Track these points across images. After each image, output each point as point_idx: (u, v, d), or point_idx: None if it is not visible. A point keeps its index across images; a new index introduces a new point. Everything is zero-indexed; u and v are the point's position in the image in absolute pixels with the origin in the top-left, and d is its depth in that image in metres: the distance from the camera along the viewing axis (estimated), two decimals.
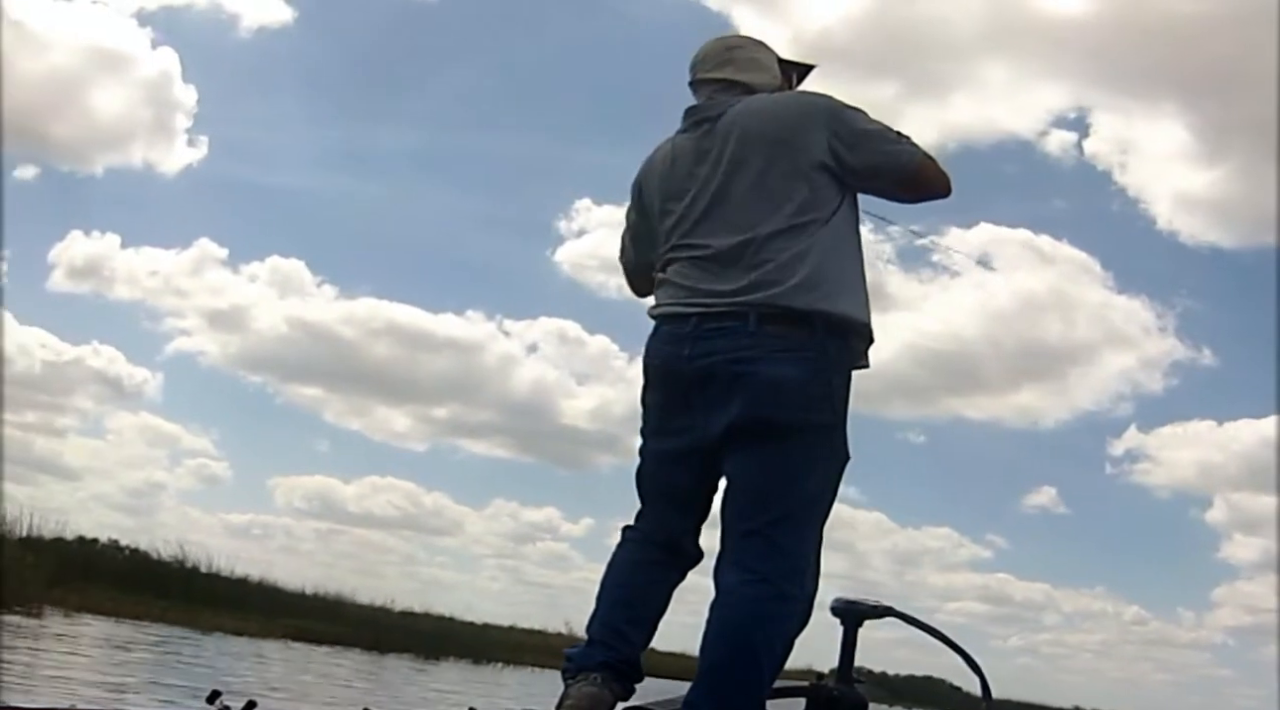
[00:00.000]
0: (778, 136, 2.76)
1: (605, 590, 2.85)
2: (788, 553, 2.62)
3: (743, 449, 2.68)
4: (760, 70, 2.96)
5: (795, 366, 2.63)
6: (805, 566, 2.66)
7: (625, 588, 2.84)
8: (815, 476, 2.69)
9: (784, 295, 2.65)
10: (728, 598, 2.61)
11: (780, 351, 2.64)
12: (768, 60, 2.99)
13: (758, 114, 2.81)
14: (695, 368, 2.69)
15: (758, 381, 2.63)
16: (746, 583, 2.59)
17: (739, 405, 2.65)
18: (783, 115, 2.80)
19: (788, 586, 2.61)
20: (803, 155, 2.73)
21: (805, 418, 2.65)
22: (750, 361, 2.64)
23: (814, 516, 2.70)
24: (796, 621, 2.64)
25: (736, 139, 2.78)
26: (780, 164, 2.73)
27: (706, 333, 2.69)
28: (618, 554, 2.90)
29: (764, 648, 2.56)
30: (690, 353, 2.70)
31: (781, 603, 2.60)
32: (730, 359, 2.66)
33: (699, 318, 2.71)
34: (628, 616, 2.80)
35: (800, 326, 2.65)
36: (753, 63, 2.97)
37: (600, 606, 2.83)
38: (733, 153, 2.77)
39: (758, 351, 2.64)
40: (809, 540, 2.68)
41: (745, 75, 2.93)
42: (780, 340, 2.64)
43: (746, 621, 2.56)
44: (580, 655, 2.75)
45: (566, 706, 2.66)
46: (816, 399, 2.66)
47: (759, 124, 2.79)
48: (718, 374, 2.67)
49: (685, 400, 2.74)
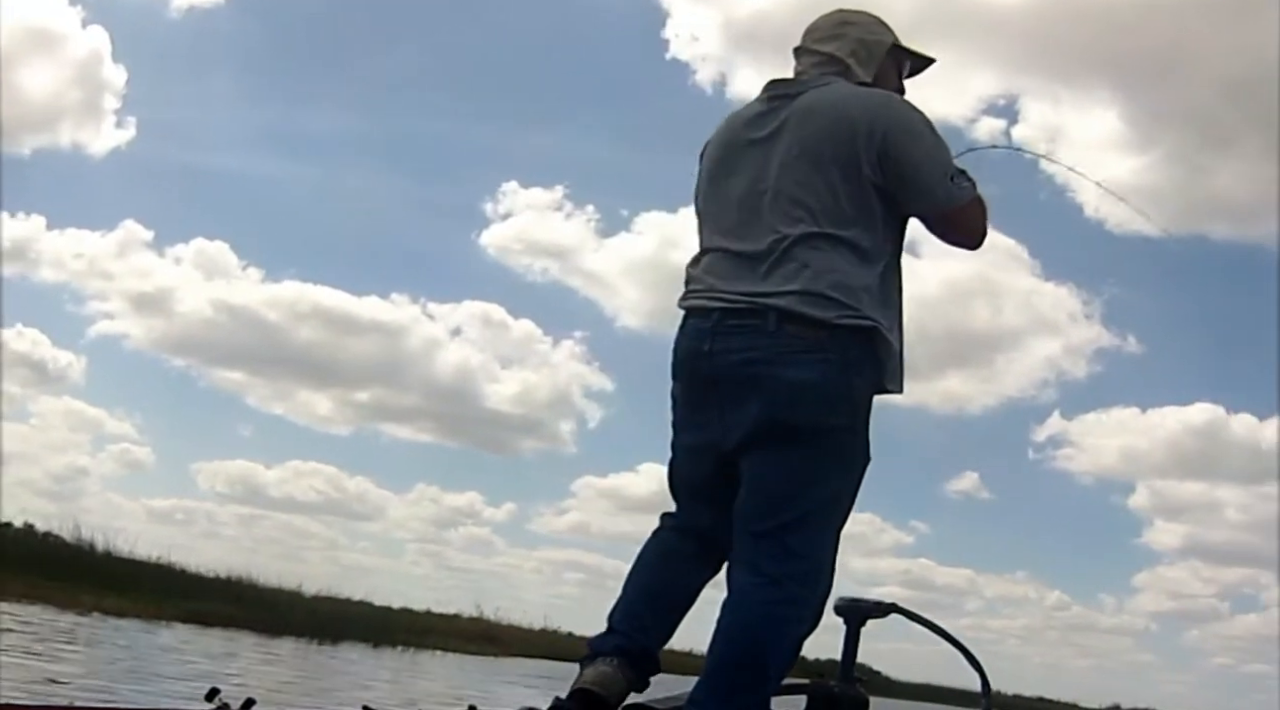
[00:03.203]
0: (833, 137, 2.65)
1: (632, 578, 2.82)
2: (801, 556, 2.59)
3: (760, 450, 2.63)
4: (868, 55, 2.82)
5: (814, 369, 2.58)
6: (818, 570, 2.64)
7: (652, 577, 2.81)
8: (832, 480, 2.65)
9: (807, 300, 2.58)
10: (738, 599, 2.59)
11: (800, 353, 2.58)
12: (878, 47, 2.85)
13: (828, 107, 2.69)
14: (714, 365, 2.66)
15: (776, 384, 2.58)
16: (758, 585, 2.58)
17: (757, 407, 2.60)
18: (846, 117, 2.66)
19: (799, 590, 2.59)
20: (850, 165, 2.63)
21: (824, 420, 2.60)
22: (768, 363, 2.59)
23: (830, 520, 2.67)
24: (807, 625, 2.63)
25: (797, 127, 2.69)
26: (828, 168, 2.64)
27: (726, 329, 2.65)
28: (649, 543, 2.86)
29: (772, 649, 2.55)
30: (710, 349, 2.67)
31: (792, 606, 2.58)
32: (747, 358, 2.61)
33: (721, 313, 2.66)
34: (651, 606, 2.77)
35: (821, 328, 2.58)
36: (862, 45, 2.83)
37: (624, 594, 2.80)
38: (788, 142, 2.69)
39: (776, 352, 2.59)
40: (823, 544, 2.64)
41: (850, 57, 2.80)
42: (800, 341, 2.58)
43: (755, 623, 2.55)
44: (597, 641, 2.73)
45: (578, 685, 2.65)
46: (836, 401, 2.60)
47: (822, 119, 2.68)
48: (735, 373, 2.63)
49: (704, 396, 2.71)
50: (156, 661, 11.41)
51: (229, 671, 11.32)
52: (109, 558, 22.02)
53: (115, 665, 10.57)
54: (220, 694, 2.43)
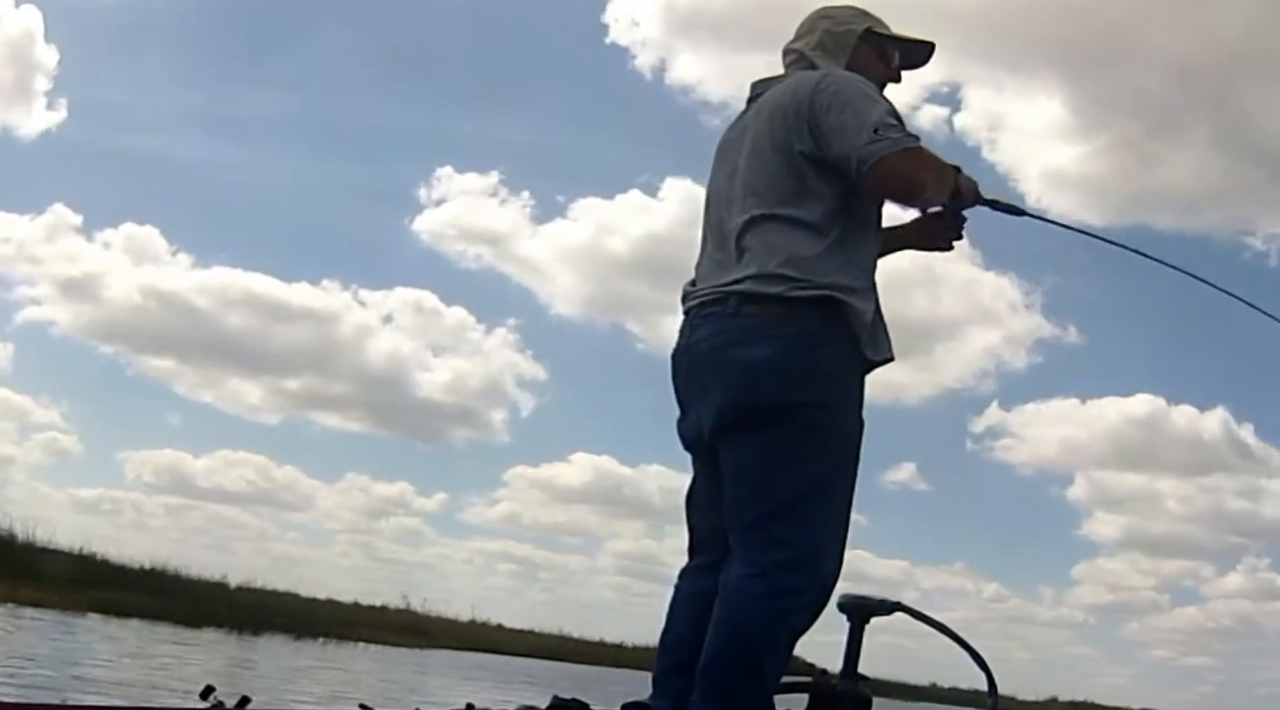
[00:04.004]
0: (773, 122, 2.68)
1: (669, 628, 2.77)
2: (788, 544, 2.53)
3: (732, 438, 2.62)
4: (836, 45, 2.82)
5: (771, 346, 2.55)
6: (808, 557, 2.55)
7: (684, 626, 2.72)
8: (813, 461, 2.57)
9: (761, 280, 2.57)
10: (727, 594, 2.55)
11: (758, 332, 2.57)
12: (847, 36, 2.83)
13: (774, 98, 2.72)
14: (690, 357, 2.69)
15: (734, 365, 2.58)
16: (746, 577, 2.53)
17: (718, 391, 2.60)
18: (783, 101, 2.69)
19: (789, 579, 2.52)
20: (786, 143, 2.64)
21: (786, 398, 2.55)
22: (729, 345, 2.59)
23: (818, 502, 2.58)
24: (801, 614, 2.56)
25: (754, 123, 2.73)
26: (771, 152, 2.66)
27: (699, 321, 2.68)
28: (679, 587, 2.80)
29: (762, 642, 2.50)
30: (686, 342, 2.71)
31: (781, 596, 2.51)
32: (712, 345, 2.63)
33: (697, 307, 2.70)
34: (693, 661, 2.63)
35: (777, 305, 2.56)
36: (830, 35, 2.83)
37: (663, 649, 2.75)
38: (749, 140, 2.72)
39: (735, 335, 2.59)
40: (812, 529, 2.56)
41: (816, 49, 2.81)
42: (758, 321, 2.57)
43: (743, 617, 2.50)
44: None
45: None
46: (797, 377, 2.55)
47: (768, 110, 2.71)
48: (703, 360, 2.65)
49: (688, 392, 2.73)
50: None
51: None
52: (28, 548, 21.81)
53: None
54: (215, 692, 2.46)
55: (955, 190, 2.73)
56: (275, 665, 14.98)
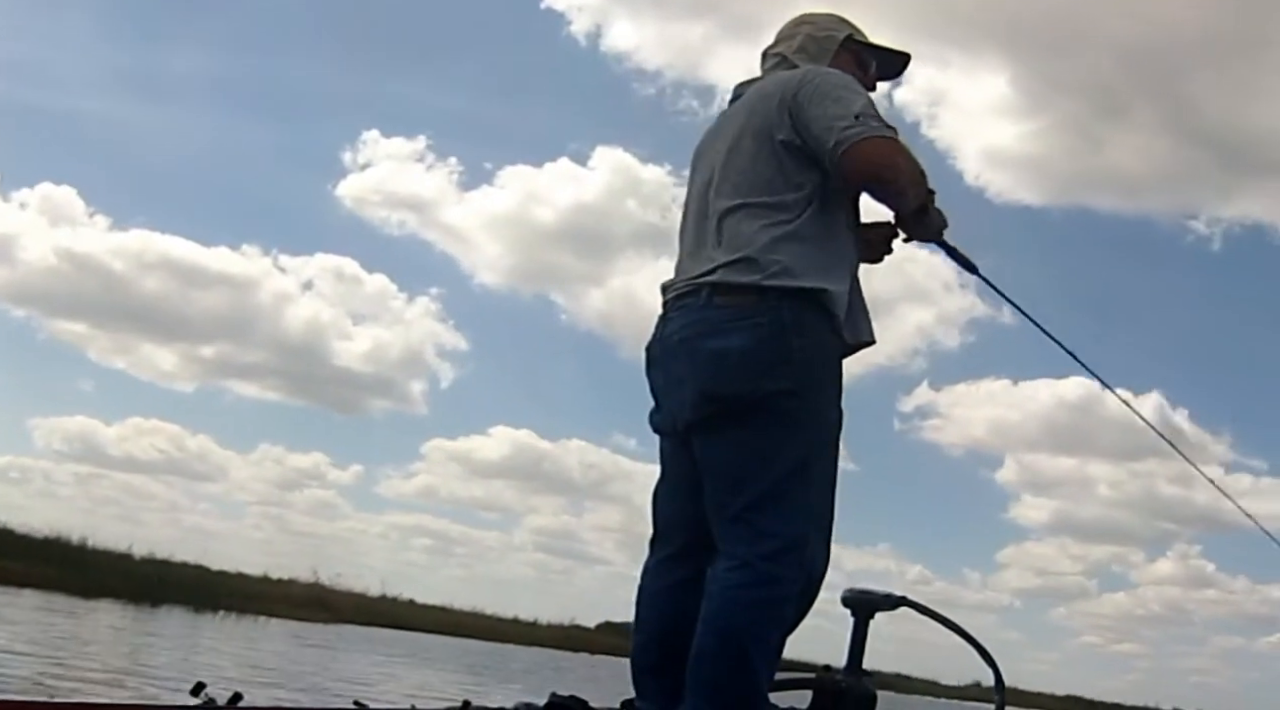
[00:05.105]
0: (752, 115, 2.72)
1: (640, 620, 2.76)
2: (770, 535, 2.52)
3: (706, 430, 2.61)
4: (817, 49, 2.87)
5: (742, 336, 2.55)
6: (792, 546, 2.54)
7: (659, 619, 2.73)
8: (790, 449, 2.57)
9: (731, 269, 2.59)
10: (711, 587, 2.55)
11: (729, 322, 2.57)
12: (828, 41, 2.89)
13: (754, 93, 2.78)
14: (662, 349, 2.71)
15: (704, 356, 2.59)
16: (728, 570, 2.53)
17: (691, 384, 2.61)
18: (765, 96, 2.73)
19: (773, 569, 2.51)
20: (764, 133, 2.68)
21: (757, 387, 2.54)
22: (699, 336, 2.60)
23: (799, 491, 2.57)
24: (788, 605, 2.55)
25: (734, 120, 2.77)
26: (750, 143, 2.70)
27: (672, 313, 2.70)
28: (645, 579, 2.79)
29: (749, 634, 2.49)
30: (660, 334, 2.73)
31: (764, 586, 2.51)
32: (683, 336, 2.64)
33: (673, 299, 2.71)
34: (675, 656, 2.62)
35: (748, 294, 2.57)
36: (811, 40, 2.89)
37: (639, 645, 2.74)
38: (728, 137, 2.76)
39: (706, 326, 2.60)
40: (794, 519, 2.55)
41: (796, 54, 2.87)
42: (729, 310, 2.58)
43: (729, 610, 2.50)
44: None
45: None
46: (769, 365, 2.54)
47: (750, 105, 2.76)
48: (674, 351, 2.66)
49: (658, 382, 2.74)
50: None
51: None
52: None
53: None
54: (206, 688, 2.46)
55: (925, 208, 2.72)
56: (134, 640, 14.64)
